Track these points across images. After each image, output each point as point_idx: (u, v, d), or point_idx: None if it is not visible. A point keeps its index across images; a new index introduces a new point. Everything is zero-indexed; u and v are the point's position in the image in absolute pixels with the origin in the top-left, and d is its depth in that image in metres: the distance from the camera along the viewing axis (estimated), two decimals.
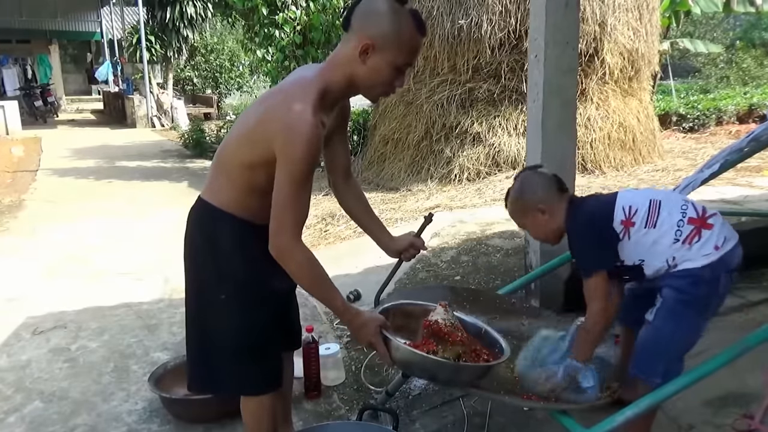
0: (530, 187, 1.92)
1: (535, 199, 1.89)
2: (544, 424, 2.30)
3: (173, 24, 15.52)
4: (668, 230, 1.74)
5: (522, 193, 1.93)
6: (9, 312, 3.77)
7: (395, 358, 1.67)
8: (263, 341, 1.76)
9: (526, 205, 1.91)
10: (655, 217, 1.75)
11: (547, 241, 1.99)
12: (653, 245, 1.76)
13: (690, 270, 1.74)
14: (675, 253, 1.75)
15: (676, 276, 1.76)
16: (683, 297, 1.75)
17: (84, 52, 25.41)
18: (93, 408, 2.63)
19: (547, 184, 1.91)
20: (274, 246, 1.55)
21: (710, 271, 1.73)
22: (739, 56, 18.36)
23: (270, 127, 1.54)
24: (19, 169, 9.41)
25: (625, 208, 1.77)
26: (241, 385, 1.81)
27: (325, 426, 2.04)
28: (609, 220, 1.78)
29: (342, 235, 5.16)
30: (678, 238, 1.74)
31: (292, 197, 1.53)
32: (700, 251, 1.73)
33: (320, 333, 3.15)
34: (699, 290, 1.74)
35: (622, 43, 7.05)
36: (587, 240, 1.81)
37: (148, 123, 15.47)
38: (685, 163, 7.49)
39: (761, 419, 2.13)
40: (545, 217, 1.88)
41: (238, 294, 1.71)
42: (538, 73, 2.96)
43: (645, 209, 1.76)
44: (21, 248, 5.25)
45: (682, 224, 1.74)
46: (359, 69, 1.56)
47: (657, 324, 1.79)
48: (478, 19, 6.66)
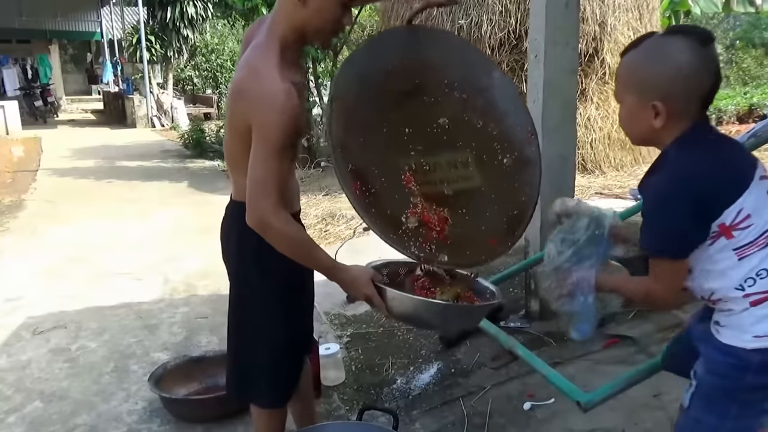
0: (670, 65, 1.22)
1: (661, 88, 1.22)
2: (545, 424, 2.31)
3: (173, 24, 15.49)
4: (746, 272, 1.22)
5: (652, 65, 1.23)
6: (9, 312, 3.77)
7: (392, 308, 1.61)
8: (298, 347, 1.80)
9: (644, 85, 1.25)
10: (755, 250, 1.21)
11: (629, 136, 1.41)
12: (717, 272, 1.24)
13: (734, 349, 1.25)
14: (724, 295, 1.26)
15: (716, 348, 1.28)
16: (725, 384, 1.28)
17: (84, 52, 25.39)
18: (93, 408, 2.63)
19: (696, 82, 1.22)
20: (253, 218, 1.50)
21: (762, 359, 1.23)
22: (739, 56, 18.36)
23: (244, 106, 1.51)
24: (19, 169, 9.40)
25: (740, 213, 1.20)
26: (272, 397, 1.81)
27: (325, 426, 2.03)
28: (713, 215, 1.20)
29: (342, 235, 5.16)
30: (744, 288, 1.23)
31: (272, 167, 1.47)
32: (754, 326, 1.23)
33: (320, 333, 3.14)
34: (746, 379, 1.25)
35: (622, 43, 7.04)
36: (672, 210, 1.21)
37: (148, 123, 15.46)
38: None
39: None
40: (652, 119, 1.24)
41: (277, 287, 1.70)
42: (538, 73, 2.96)
43: (757, 233, 1.21)
44: (21, 248, 5.25)
45: (764, 276, 1.21)
46: (302, 14, 1.51)
47: (694, 414, 1.33)
48: (478, 19, 6.66)
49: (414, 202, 1.69)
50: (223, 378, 2.63)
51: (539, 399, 2.44)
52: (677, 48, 1.21)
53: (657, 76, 1.23)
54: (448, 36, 2.60)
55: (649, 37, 1.27)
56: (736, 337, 1.25)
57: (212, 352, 2.89)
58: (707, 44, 1.21)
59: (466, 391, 2.58)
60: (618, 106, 1.35)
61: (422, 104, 1.82)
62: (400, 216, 1.66)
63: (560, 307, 1.43)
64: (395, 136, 1.75)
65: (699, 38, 1.21)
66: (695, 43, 1.20)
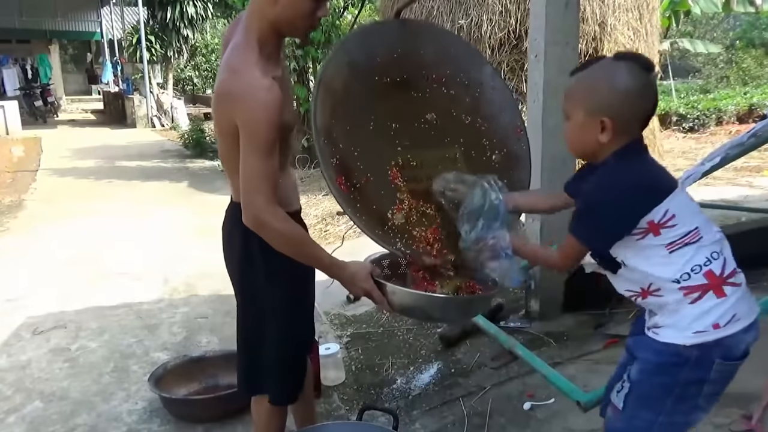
0: (619, 86, 1.33)
1: (609, 106, 1.33)
2: (545, 424, 2.31)
3: (173, 24, 15.50)
4: (680, 267, 1.33)
5: (603, 85, 1.35)
6: (9, 312, 3.77)
7: (393, 303, 1.59)
8: (302, 347, 1.79)
9: (595, 102, 1.35)
10: (682, 245, 1.32)
11: (571, 148, 1.48)
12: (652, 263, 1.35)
13: (673, 346, 1.34)
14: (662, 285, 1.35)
15: (653, 349, 1.37)
16: (659, 380, 1.36)
17: (84, 52, 25.39)
18: (93, 408, 2.63)
19: (639, 103, 1.34)
20: (249, 217, 1.49)
21: (700, 354, 1.32)
22: (739, 56, 18.36)
23: (228, 107, 1.51)
24: (19, 169, 9.41)
25: (667, 213, 1.31)
26: (279, 395, 1.81)
27: (325, 426, 2.03)
28: (642, 211, 1.32)
29: (342, 235, 5.16)
30: (680, 281, 1.33)
31: (262, 165, 1.47)
32: (694, 322, 1.32)
33: (320, 333, 3.14)
34: (681, 374, 1.34)
35: (622, 43, 7.05)
36: (606, 209, 1.35)
37: (148, 123, 15.46)
38: (685, 163, 7.49)
39: (758, 420, 2.13)
40: (599, 133, 1.35)
41: (284, 286, 1.70)
42: (538, 73, 2.97)
43: (683, 231, 1.32)
44: (21, 248, 5.25)
45: (698, 271, 1.32)
46: (275, 10, 1.50)
47: (629, 413, 1.41)
48: (478, 19, 6.66)
49: (401, 198, 1.68)
50: (223, 378, 2.67)
51: (539, 399, 2.45)
52: (625, 72, 1.33)
53: (607, 95, 1.34)
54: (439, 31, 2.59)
55: (598, 61, 1.40)
56: (675, 334, 1.34)
57: (212, 352, 2.89)
58: (650, 71, 1.35)
59: (466, 391, 2.58)
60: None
61: (410, 99, 1.82)
62: (386, 212, 1.66)
63: (492, 269, 1.56)
64: (382, 131, 1.74)
65: (643, 65, 1.34)
66: (641, 69, 1.33)
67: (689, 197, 1.38)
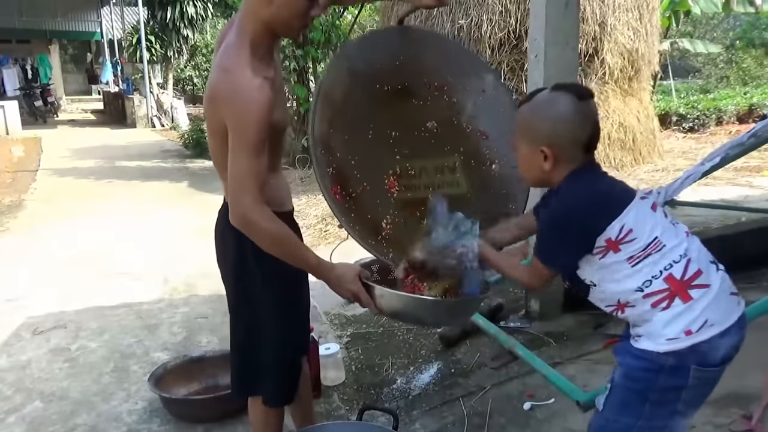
0: (552, 117, 1.40)
1: (546, 136, 1.39)
2: (545, 424, 2.31)
3: (173, 24, 15.50)
4: (642, 276, 1.35)
5: (539, 116, 1.42)
6: (9, 312, 3.77)
7: (381, 306, 1.58)
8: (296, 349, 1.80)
9: (533, 133, 1.42)
10: (644, 257, 1.35)
11: (526, 180, 1.55)
12: (617, 280, 1.38)
13: (648, 353, 1.36)
14: (629, 297, 1.38)
15: (633, 355, 1.39)
16: (637, 386, 1.39)
17: (84, 52, 25.38)
18: (93, 408, 2.63)
19: (575, 130, 1.39)
20: (236, 215, 1.48)
21: (675, 361, 1.33)
22: (739, 56, 18.37)
23: (218, 107, 1.50)
24: (19, 169, 9.41)
25: (623, 230, 1.34)
26: (275, 396, 1.81)
27: (325, 426, 2.04)
28: (597, 229, 1.35)
29: (342, 235, 5.16)
30: (643, 289, 1.35)
31: (250, 164, 1.46)
32: (665, 329, 1.33)
33: (320, 333, 3.15)
34: (658, 381, 1.36)
35: (622, 43, 7.06)
36: (560, 231, 1.41)
37: (148, 123, 15.47)
38: (685, 163, 7.49)
39: (758, 419, 2.13)
40: (542, 162, 1.41)
41: (277, 287, 1.70)
42: (538, 73, 2.97)
43: (643, 244, 1.34)
44: (21, 248, 5.25)
45: (658, 276, 1.34)
46: (268, 10, 1.50)
47: (607, 415, 1.44)
48: (478, 19, 6.67)
49: (393, 213, 1.66)
50: (223, 378, 2.67)
51: (539, 399, 2.45)
52: (559, 102, 1.39)
53: (542, 125, 1.41)
54: (441, 39, 2.59)
55: (538, 93, 1.46)
56: (650, 342, 1.36)
57: (212, 352, 2.89)
58: (585, 99, 1.40)
59: (466, 391, 2.58)
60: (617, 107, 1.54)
61: (411, 107, 1.81)
62: (380, 222, 1.65)
63: (452, 273, 1.58)
64: (381, 139, 1.73)
65: (577, 94, 1.39)
66: (574, 98, 1.38)
67: (648, 208, 1.39)
